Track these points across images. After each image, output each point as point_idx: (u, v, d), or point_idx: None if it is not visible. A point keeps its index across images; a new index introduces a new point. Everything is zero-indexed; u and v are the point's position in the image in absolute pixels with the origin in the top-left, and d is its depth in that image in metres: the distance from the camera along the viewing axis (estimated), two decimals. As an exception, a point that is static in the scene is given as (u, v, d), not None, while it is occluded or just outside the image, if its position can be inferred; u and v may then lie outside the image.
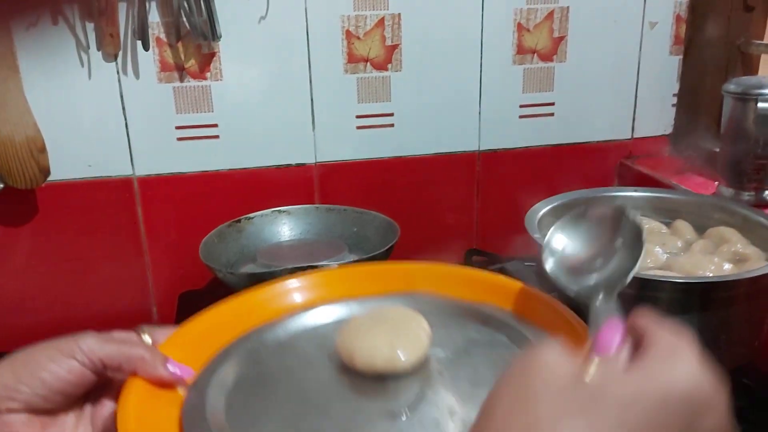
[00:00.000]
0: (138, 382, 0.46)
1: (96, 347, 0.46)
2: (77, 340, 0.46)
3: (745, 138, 0.96)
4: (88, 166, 1.02)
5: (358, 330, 0.51)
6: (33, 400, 0.45)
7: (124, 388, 0.46)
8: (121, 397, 0.45)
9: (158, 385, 0.47)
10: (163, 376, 0.47)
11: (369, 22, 1.05)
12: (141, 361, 0.46)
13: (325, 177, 1.11)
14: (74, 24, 0.95)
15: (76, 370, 0.45)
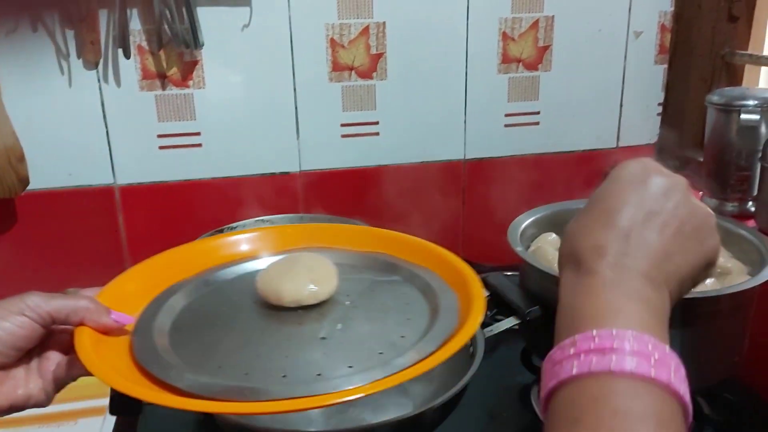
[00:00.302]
0: (86, 330, 0.51)
1: (42, 303, 0.50)
2: (23, 298, 0.50)
3: (728, 149, 0.96)
4: (69, 174, 1.00)
5: (279, 272, 0.59)
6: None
7: (75, 335, 0.50)
8: (77, 342, 0.49)
9: (103, 333, 0.52)
10: (108, 323, 0.52)
11: (353, 31, 1.04)
12: (87, 311, 0.51)
13: (310, 186, 1.10)
14: (54, 31, 0.94)
15: (27, 324, 0.49)
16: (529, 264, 0.75)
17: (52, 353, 0.53)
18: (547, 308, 0.74)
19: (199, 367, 0.50)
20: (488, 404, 0.87)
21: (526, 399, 0.87)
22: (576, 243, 0.46)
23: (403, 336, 0.54)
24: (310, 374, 0.49)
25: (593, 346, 0.38)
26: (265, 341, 0.54)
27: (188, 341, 0.54)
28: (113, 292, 0.57)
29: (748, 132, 0.93)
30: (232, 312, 0.59)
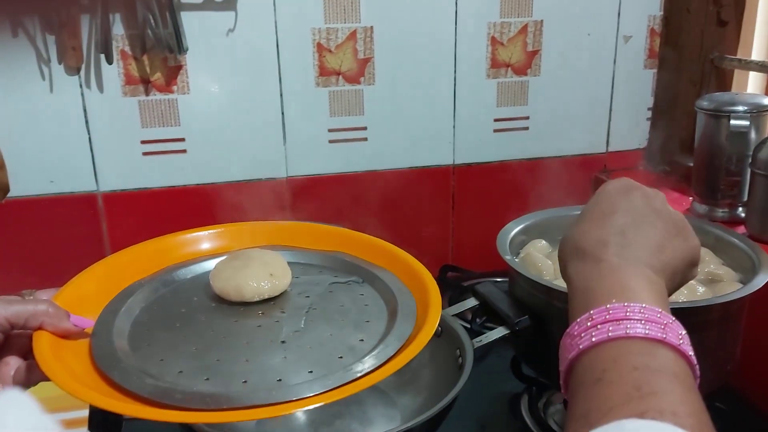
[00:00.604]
0: (44, 335, 0.50)
1: (1, 309, 0.49)
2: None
3: (717, 155, 0.96)
4: (51, 182, 0.99)
5: (235, 269, 0.60)
6: None
7: (34, 339, 0.49)
8: (35, 347, 0.49)
9: (63, 337, 0.51)
10: (67, 327, 0.51)
11: (341, 35, 1.03)
12: (46, 315, 0.50)
13: (297, 191, 1.09)
14: (35, 36, 0.92)
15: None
16: (518, 272, 0.74)
17: (12, 358, 0.52)
18: (536, 317, 0.73)
19: (159, 372, 0.50)
20: (478, 414, 0.86)
21: (516, 408, 0.86)
22: (578, 241, 0.51)
23: (362, 339, 0.55)
24: (271, 380, 0.49)
25: (608, 317, 0.43)
26: (225, 344, 0.54)
27: (148, 344, 0.54)
28: (71, 293, 0.57)
29: (738, 137, 0.93)
30: (192, 312, 0.59)
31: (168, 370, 0.50)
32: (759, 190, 0.89)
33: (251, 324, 0.57)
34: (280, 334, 0.55)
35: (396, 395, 0.81)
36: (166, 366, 0.51)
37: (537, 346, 0.77)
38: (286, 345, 0.54)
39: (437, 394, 0.72)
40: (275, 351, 0.53)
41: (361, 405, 0.80)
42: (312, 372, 0.50)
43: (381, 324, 0.57)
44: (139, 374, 0.49)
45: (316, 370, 0.50)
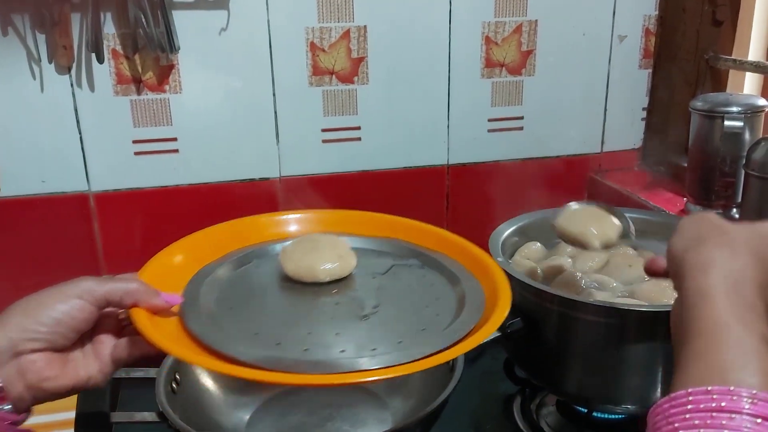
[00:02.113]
0: (140, 310, 0.53)
1: (96, 286, 0.52)
2: (78, 282, 0.52)
3: (712, 155, 0.95)
4: (42, 182, 0.98)
5: (304, 251, 0.63)
6: (53, 338, 0.51)
7: (132, 315, 0.53)
8: (137, 321, 0.52)
9: (154, 313, 0.54)
10: (159, 304, 0.55)
11: (334, 35, 1.03)
12: (139, 293, 0.54)
13: (290, 192, 1.08)
14: (25, 35, 0.91)
15: (85, 307, 0.51)
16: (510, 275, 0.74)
17: (104, 336, 0.55)
18: (528, 320, 0.73)
19: (259, 342, 0.54)
20: (471, 416, 0.85)
21: (509, 410, 0.86)
22: (740, 257, 0.47)
23: (437, 314, 0.58)
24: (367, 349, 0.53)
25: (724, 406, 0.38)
26: (311, 319, 0.58)
27: (237, 320, 0.57)
28: (152, 272, 0.60)
29: (732, 138, 0.92)
30: (269, 292, 0.63)
31: (266, 342, 0.54)
32: (753, 191, 0.89)
33: (329, 301, 0.60)
34: (361, 310, 0.59)
35: (387, 397, 0.81)
36: (262, 338, 0.54)
37: (529, 348, 0.77)
38: (369, 319, 0.57)
39: (428, 396, 0.72)
40: (360, 324, 0.57)
41: (352, 407, 0.79)
42: (401, 342, 0.54)
43: (451, 300, 0.60)
44: (243, 343, 0.52)
45: (404, 341, 0.54)
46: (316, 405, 0.80)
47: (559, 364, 0.73)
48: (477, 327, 0.55)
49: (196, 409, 0.75)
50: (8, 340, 0.49)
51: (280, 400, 0.82)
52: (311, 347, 0.53)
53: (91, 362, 0.54)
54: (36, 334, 0.50)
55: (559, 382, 0.76)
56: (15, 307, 0.51)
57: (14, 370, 0.50)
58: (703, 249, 0.48)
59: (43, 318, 0.50)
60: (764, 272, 0.47)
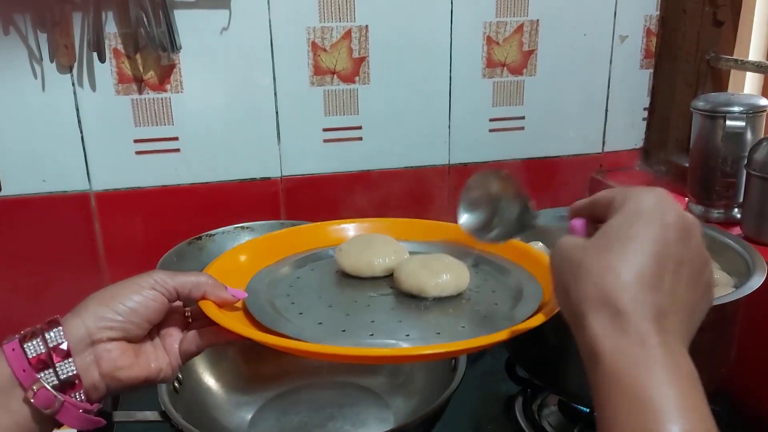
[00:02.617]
0: (209, 302, 0.56)
1: (168, 278, 0.54)
2: (151, 274, 0.54)
3: (713, 156, 0.95)
4: (43, 181, 0.98)
5: (360, 248, 0.66)
6: (128, 328, 0.52)
7: (202, 306, 0.55)
8: (208, 310, 0.54)
9: (221, 306, 0.56)
10: (227, 297, 0.57)
11: (335, 34, 1.02)
12: (208, 286, 0.56)
13: (291, 191, 1.08)
14: (26, 34, 0.91)
15: (158, 298, 0.53)
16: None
17: (172, 329, 0.57)
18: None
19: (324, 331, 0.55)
20: (472, 416, 0.85)
21: (510, 410, 0.86)
22: (608, 289, 0.41)
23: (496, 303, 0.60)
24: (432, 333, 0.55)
25: None
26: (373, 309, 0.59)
27: (300, 312, 0.59)
28: (218, 268, 0.62)
29: (734, 138, 0.92)
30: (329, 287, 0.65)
31: (331, 329, 0.55)
32: (754, 191, 0.89)
33: (387, 294, 0.62)
34: (419, 301, 0.60)
35: (389, 397, 0.81)
36: (326, 326, 0.56)
37: (531, 349, 0.77)
38: (429, 309, 0.59)
39: (430, 396, 0.72)
40: (421, 313, 0.59)
41: (354, 407, 0.79)
42: (464, 327, 0.56)
43: (507, 291, 0.62)
44: (310, 330, 0.54)
45: (467, 326, 0.56)
46: (318, 404, 0.80)
47: (561, 363, 0.73)
48: (536, 312, 0.57)
49: (198, 408, 0.75)
50: (85, 328, 0.51)
51: (282, 400, 0.82)
52: (376, 333, 0.55)
53: (161, 355, 0.56)
54: (112, 323, 0.51)
55: (560, 382, 0.75)
56: (92, 298, 0.52)
57: (90, 358, 0.51)
58: (570, 304, 0.43)
59: (118, 308, 0.52)
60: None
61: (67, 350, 0.50)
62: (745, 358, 0.77)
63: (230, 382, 0.81)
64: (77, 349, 0.50)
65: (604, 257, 0.42)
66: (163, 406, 0.68)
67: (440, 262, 0.63)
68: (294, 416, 0.79)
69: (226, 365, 0.81)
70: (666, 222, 0.42)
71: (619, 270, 0.41)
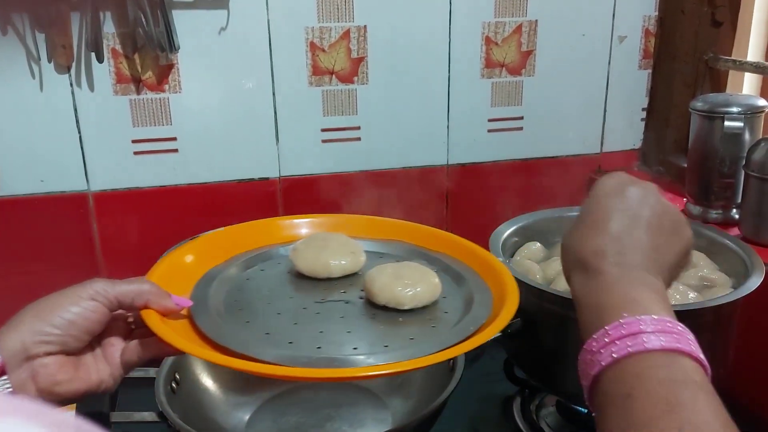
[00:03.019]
0: (151, 312, 0.53)
1: (108, 287, 0.52)
2: (91, 284, 0.51)
3: (711, 156, 0.95)
4: (41, 181, 0.98)
5: (317, 248, 0.65)
6: (66, 341, 0.50)
7: (144, 316, 0.53)
8: (149, 321, 0.52)
9: (164, 315, 0.54)
10: (170, 306, 0.54)
11: (334, 34, 1.02)
12: (151, 294, 0.53)
13: (290, 191, 1.08)
14: (24, 34, 0.91)
15: (98, 309, 0.51)
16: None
17: (114, 338, 0.55)
18: (528, 320, 0.73)
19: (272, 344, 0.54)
20: (470, 416, 0.85)
21: (508, 411, 0.86)
22: (577, 251, 0.52)
23: (446, 312, 0.59)
24: (380, 346, 0.54)
25: (624, 332, 0.44)
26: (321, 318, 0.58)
27: (247, 321, 0.57)
28: (161, 274, 0.60)
29: (732, 139, 0.92)
30: (279, 291, 0.63)
31: (278, 341, 0.54)
32: (753, 191, 0.89)
33: (339, 300, 0.61)
34: (370, 308, 0.59)
35: (387, 398, 0.81)
36: (273, 337, 0.54)
37: (529, 349, 0.77)
38: (379, 317, 0.58)
39: (428, 397, 0.72)
40: (371, 323, 0.57)
41: (352, 407, 0.79)
42: (413, 339, 0.55)
43: (458, 298, 0.61)
44: (256, 342, 0.53)
45: (416, 338, 0.55)
46: (315, 405, 0.80)
47: (559, 364, 0.73)
48: (487, 323, 0.56)
49: (195, 409, 0.75)
50: (21, 343, 0.48)
51: (279, 400, 0.81)
52: (324, 345, 0.53)
53: (101, 366, 0.53)
54: (49, 337, 0.49)
55: (558, 383, 0.76)
56: (27, 310, 0.50)
57: (26, 374, 0.49)
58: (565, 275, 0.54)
59: (56, 320, 0.49)
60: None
61: (1, 367, 0.47)
62: (743, 358, 0.77)
63: (227, 382, 0.81)
64: (12, 365, 0.48)
65: (576, 232, 0.54)
66: (161, 406, 0.68)
67: (412, 271, 0.61)
68: (291, 417, 0.79)
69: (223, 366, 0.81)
70: (625, 192, 0.53)
71: (585, 235, 0.52)
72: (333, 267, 0.63)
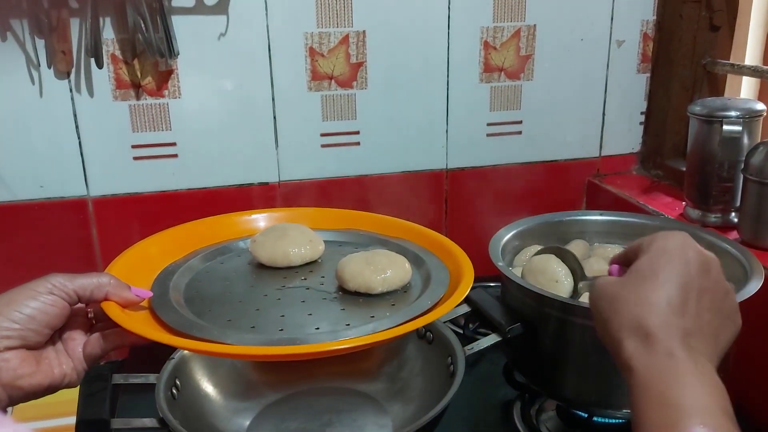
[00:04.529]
0: (111, 304, 0.54)
1: (67, 281, 0.53)
2: (48, 279, 0.52)
3: (710, 160, 0.96)
4: (40, 186, 0.98)
5: (276, 238, 0.66)
6: (26, 335, 0.51)
7: (104, 307, 0.54)
8: (110, 311, 0.53)
9: (124, 307, 0.55)
10: (130, 298, 0.56)
11: (333, 40, 1.03)
12: (110, 286, 0.54)
13: (289, 196, 1.08)
14: (24, 40, 0.91)
15: (57, 302, 0.52)
16: (511, 279, 0.74)
17: (75, 332, 0.56)
18: (528, 325, 0.73)
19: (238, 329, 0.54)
20: (471, 421, 0.85)
21: (508, 415, 0.86)
22: (638, 314, 0.48)
23: (400, 296, 0.61)
24: (341, 325, 0.55)
25: None
26: (283, 303, 0.59)
27: (209, 310, 0.58)
28: (121, 267, 0.61)
29: (731, 143, 0.92)
30: (240, 280, 0.64)
31: (240, 326, 0.54)
32: (751, 195, 0.89)
33: (299, 286, 0.62)
34: (330, 293, 0.61)
35: (387, 403, 0.81)
36: (235, 323, 0.55)
37: (529, 354, 0.77)
38: (339, 300, 0.60)
39: (429, 402, 0.72)
40: (331, 304, 0.59)
41: (352, 413, 0.79)
42: (373, 317, 0.56)
43: (417, 278, 0.63)
44: (217, 328, 0.53)
45: (376, 315, 0.57)
46: (315, 411, 0.80)
47: (559, 369, 0.73)
48: (444, 298, 0.58)
49: (196, 415, 0.75)
50: None
51: (279, 406, 0.81)
52: (286, 328, 0.54)
53: (64, 360, 0.54)
54: (8, 332, 0.50)
55: (558, 387, 0.76)
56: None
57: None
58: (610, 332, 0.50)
59: (14, 315, 0.50)
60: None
61: None
62: (743, 363, 0.77)
63: (228, 388, 0.81)
64: None
65: (635, 290, 0.49)
66: (161, 412, 0.68)
67: (382, 257, 0.63)
68: (292, 422, 0.78)
69: (224, 371, 0.81)
70: (688, 258, 0.49)
71: (649, 299, 0.48)
72: (293, 255, 0.65)
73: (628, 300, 0.49)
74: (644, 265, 0.50)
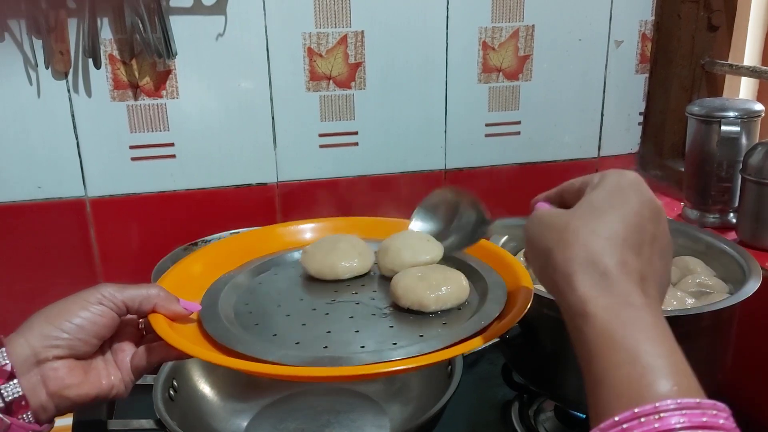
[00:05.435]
0: (159, 316, 0.54)
1: (116, 292, 0.52)
2: (98, 289, 0.52)
3: (708, 160, 0.96)
4: (38, 187, 0.98)
5: (326, 251, 0.64)
6: (75, 345, 0.51)
7: (151, 320, 0.53)
8: (157, 325, 0.52)
9: (172, 319, 0.55)
10: (178, 311, 0.55)
11: (331, 40, 1.03)
12: (158, 299, 0.54)
13: (287, 197, 1.08)
14: (21, 41, 0.91)
15: (106, 313, 0.52)
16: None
17: (125, 344, 0.55)
18: (526, 325, 0.73)
19: (278, 344, 0.54)
20: (469, 421, 0.85)
21: (507, 415, 0.86)
22: (596, 252, 0.42)
23: (459, 308, 0.59)
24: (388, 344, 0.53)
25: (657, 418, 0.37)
26: (331, 318, 0.58)
27: (256, 323, 0.57)
28: (172, 280, 0.60)
29: (729, 143, 0.93)
30: (289, 293, 0.63)
31: (285, 342, 0.54)
32: (750, 195, 0.89)
33: (349, 301, 0.61)
34: (380, 308, 0.59)
35: (386, 404, 0.81)
36: (280, 338, 0.54)
37: (528, 354, 0.77)
38: (389, 317, 0.57)
39: (427, 403, 0.72)
40: (380, 321, 0.57)
41: (351, 414, 0.79)
42: (422, 336, 0.54)
43: (473, 294, 0.60)
44: (262, 343, 0.53)
45: (425, 334, 0.54)
46: (314, 411, 0.80)
47: (558, 369, 0.73)
48: (500, 317, 0.55)
49: (193, 416, 0.75)
50: (30, 348, 0.49)
51: (278, 407, 0.81)
52: (331, 345, 0.53)
53: (112, 371, 0.54)
54: (58, 341, 0.50)
55: (557, 388, 0.75)
56: (37, 316, 0.51)
57: (36, 378, 0.50)
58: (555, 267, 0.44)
59: (64, 325, 0.50)
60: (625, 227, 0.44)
61: (11, 371, 0.48)
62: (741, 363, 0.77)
63: (226, 389, 0.81)
64: (22, 370, 0.49)
65: (589, 222, 0.44)
66: (159, 413, 0.68)
67: (438, 273, 0.60)
68: (290, 423, 0.78)
69: (221, 372, 0.81)
70: (644, 199, 0.45)
71: (605, 234, 0.43)
72: (341, 269, 0.63)
73: (580, 231, 0.43)
74: (598, 198, 0.45)
